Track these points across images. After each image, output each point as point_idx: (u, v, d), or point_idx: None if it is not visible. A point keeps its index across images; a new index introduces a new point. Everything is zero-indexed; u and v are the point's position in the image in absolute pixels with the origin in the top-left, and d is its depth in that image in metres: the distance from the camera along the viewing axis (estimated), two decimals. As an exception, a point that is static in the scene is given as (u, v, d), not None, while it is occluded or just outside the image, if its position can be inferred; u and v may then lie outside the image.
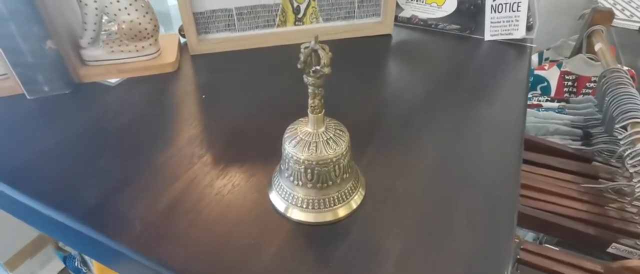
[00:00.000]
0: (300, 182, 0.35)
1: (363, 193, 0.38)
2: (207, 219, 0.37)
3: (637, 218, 0.61)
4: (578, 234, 0.59)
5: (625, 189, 0.66)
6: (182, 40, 0.64)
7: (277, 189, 0.37)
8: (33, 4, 0.47)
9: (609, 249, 0.59)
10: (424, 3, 0.71)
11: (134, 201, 0.38)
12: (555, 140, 0.79)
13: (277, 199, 0.37)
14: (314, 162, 0.33)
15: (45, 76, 0.51)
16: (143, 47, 0.55)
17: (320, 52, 0.29)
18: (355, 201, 0.37)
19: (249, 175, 0.41)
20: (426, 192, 0.40)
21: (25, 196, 0.39)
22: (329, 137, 0.34)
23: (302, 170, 0.34)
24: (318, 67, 0.30)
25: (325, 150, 0.33)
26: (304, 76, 0.31)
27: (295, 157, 0.34)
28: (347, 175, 0.36)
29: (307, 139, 0.33)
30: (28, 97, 0.52)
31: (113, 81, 0.56)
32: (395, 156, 0.45)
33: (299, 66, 0.30)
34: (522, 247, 0.58)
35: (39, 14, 0.48)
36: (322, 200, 0.35)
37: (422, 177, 0.42)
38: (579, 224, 0.60)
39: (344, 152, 0.34)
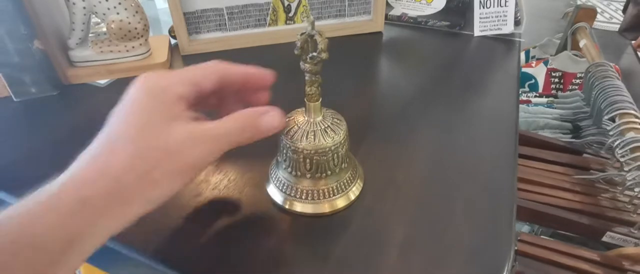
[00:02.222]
0: (299, 173, 0.34)
1: (361, 185, 0.38)
2: (204, 215, 0.36)
3: (629, 206, 0.62)
4: (573, 224, 0.60)
5: (616, 178, 0.67)
6: (173, 41, 0.64)
7: (275, 182, 0.37)
8: (20, 4, 0.46)
9: (604, 238, 0.60)
10: (413, 1, 0.71)
11: (127, 199, 0.37)
12: (546, 134, 0.80)
13: (275, 192, 0.36)
14: (312, 152, 0.33)
15: (32, 77, 0.50)
16: (133, 47, 0.55)
17: (317, 37, 0.29)
18: (354, 192, 0.36)
19: (244, 170, 0.40)
20: (425, 183, 0.40)
21: (11, 196, 0.38)
22: (326, 126, 0.33)
23: (301, 160, 0.33)
24: (315, 53, 0.30)
25: (324, 138, 0.33)
26: (301, 63, 0.31)
27: (293, 147, 0.33)
28: (346, 165, 0.35)
29: (305, 128, 0.33)
30: (14, 99, 0.50)
31: (102, 81, 0.54)
32: (393, 149, 0.44)
33: (296, 52, 0.30)
34: (519, 238, 0.58)
35: (26, 13, 0.47)
36: (320, 191, 0.35)
37: (420, 169, 0.42)
38: (573, 215, 0.61)
39: (342, 141, 0.34)
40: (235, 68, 0.30)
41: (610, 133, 0.67)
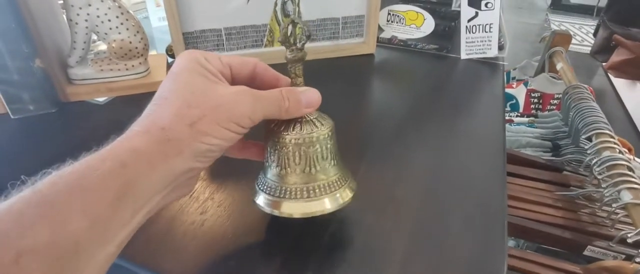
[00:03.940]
0: (288, 170, 0.33)
1: (351, 193, 0.35)
2: (209, 231, 0.36)
3: (607, 221, 0.66)
4: (557, 238, 0.62)
5: (594, 195, 0.70)
6: (170, 59, 0.65)
7: (262, 188, 0.35)
8: (23, 23, 0.46)
9: (585, 252, 0.62)
10: (403, 24, 0.75)
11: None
12: (528, 152, 0.84)
13: (262, 197, 0.34)
14: (301, 141, 0.32)
15: (31, 95, 0.50)
16: (133, 65, 0.55)
17: (300, 23, 0.31)
18: (344, 196, 0.35)
19: (247, 187, 0.41)
20: (423, 201, 0.42)
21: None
22: (313, 117, 0.34)
23: (290, 153, 0.32)
24: (299, 43, 0.31)
25: (312, 128, 0.33)
26: (290, 54, 0.32)
27: (281, 141, 0.33)
28: (335, 162, 0.35)
29: (292, 119, 0.33)
30: (12, 116, 0.50)
31: (101, 99, 0.55)
32: (389, 167, 0.46)
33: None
34: (508, 253, 0.60)
35: (29, 32, 0.47)
36: (310, 188, 0.33)
37: (418, 186, 0.43)
38: (557, 230, 0.64)
39: (330, 132, 0.34)
40: (269, 70, 0.33)
41: (588, 152, 0.71)
